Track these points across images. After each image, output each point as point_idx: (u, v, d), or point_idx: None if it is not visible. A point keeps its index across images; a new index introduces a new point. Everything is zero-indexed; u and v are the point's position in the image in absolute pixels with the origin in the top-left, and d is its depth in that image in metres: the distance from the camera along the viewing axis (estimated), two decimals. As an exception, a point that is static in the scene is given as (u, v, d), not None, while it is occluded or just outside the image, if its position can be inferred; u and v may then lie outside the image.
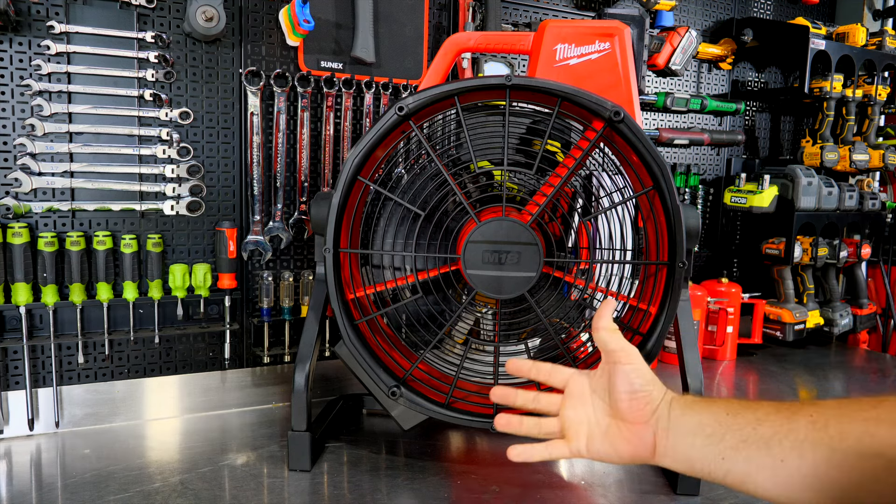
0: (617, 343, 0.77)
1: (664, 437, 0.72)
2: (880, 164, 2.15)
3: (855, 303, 2.28)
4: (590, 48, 1.22)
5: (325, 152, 1.52)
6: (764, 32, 2.10)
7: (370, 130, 1.09)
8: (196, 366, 1.48)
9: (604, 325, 0.78)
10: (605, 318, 0.79)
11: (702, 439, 0.68)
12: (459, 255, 1.08)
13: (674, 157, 2.13)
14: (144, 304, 1.39)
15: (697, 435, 0.69)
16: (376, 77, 1.54)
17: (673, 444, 0.72)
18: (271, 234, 1.48)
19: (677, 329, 1.22)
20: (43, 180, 1.29)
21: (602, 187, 1.15)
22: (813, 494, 0.60)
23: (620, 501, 1.11)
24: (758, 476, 0.63)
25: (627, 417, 0.76)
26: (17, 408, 1.31)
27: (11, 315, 1.30)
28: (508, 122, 1.07)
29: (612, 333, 0.78)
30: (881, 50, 2.15)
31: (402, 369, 1.14)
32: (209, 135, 1.43)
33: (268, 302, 1.50)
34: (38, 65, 1.26)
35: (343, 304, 1.11)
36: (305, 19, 1.38)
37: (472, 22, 1.62)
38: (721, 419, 0.68)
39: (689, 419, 0.71)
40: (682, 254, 1.07)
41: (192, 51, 1.40)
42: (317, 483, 1.14)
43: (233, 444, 1.32)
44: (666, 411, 0.73)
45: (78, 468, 1.18)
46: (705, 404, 0.72)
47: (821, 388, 1.77)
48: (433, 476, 1.18)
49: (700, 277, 2.11)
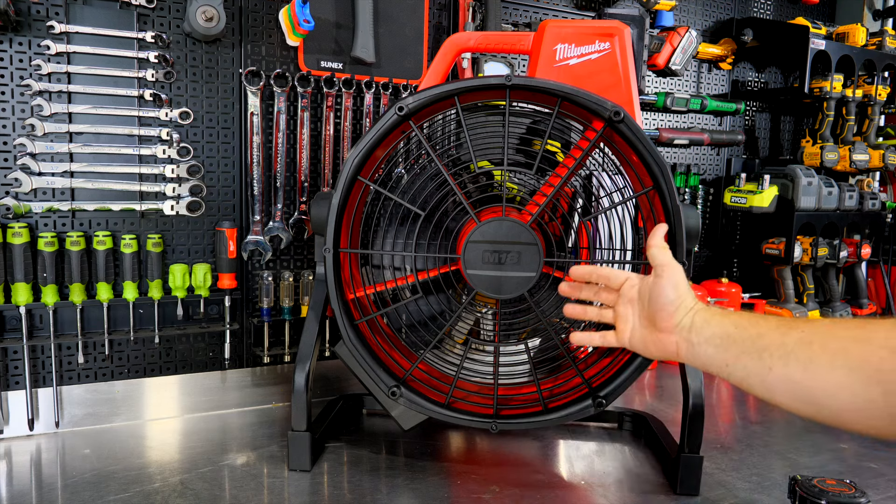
0: (664, 258, 0.89)
1: (684, 345, 0.85)
2: (880, 164, 2.15)
3: (855, 303, 2.28)
4: (590, 48, 1.22)
5: (325, 152, 1.52)
6: (764, 32, 2.10)
7: (370, 130, 1.09)
8: (196, 366, 1.48)
9: (656, 243, 0.92)
10: (657, 237, 0.93)
11: (713, 349, 0.81)
12: (459, 255, 1.08)
13: (674, 157, 2.13)
14: (144, 304, 1.39)
15: (710, 345, 0.82)
16: (376, 77, 1.54)
17: (691, 351, 0.85)
18: (271, 234, 1.48)
19: (677, 329, 1.22)
20: (43, 180, 1.29)
21: (602, 187, 1.15)
22: (791, 399, 0.72)
23: (620, 501, 1.11)
24: (751, 380, 0.76)
25: (658, 325, 0.88)
26: (17, 408, 1.31)
27: (11, 315, 1.30)
28: (508, 122, 1.07)
29: (661, 250, 0.91)
30: (881, 50, 2.15)
31: (402, 369, 1.14)
32: (209, 135, 1.43)
33: (268, 302, 1.50)
34: (38, 65, 1.26)
35: (343, 304, 1.11)
36: (305, 19, 1.38)
37: (472, 22, 1.62)
38: (729, 332, 0.80)
39: (705, 332, 0.83)
40: (682, 254, 1.07)
41: (192, 51, 1.40)
42: (317, 483, 1.14)
43: (233, 444, 1.32)
44: (689, 323, 0.85)
45: (78, 468, 1.18)
46: (720, 318, 0.83)
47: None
48: (433, 476, 1.18)
49: (700, 277, 2.11)
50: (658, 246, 0.92)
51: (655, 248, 0.91)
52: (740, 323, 0.80)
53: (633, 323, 0.93)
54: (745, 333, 0.78)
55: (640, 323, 0.92)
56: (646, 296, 0.90)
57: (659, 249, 0.91)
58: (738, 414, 1.58)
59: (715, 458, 1.28)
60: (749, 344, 0.77)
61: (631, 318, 0.93)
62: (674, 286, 0.87)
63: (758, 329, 0.77)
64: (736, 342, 0.79)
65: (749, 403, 1.65)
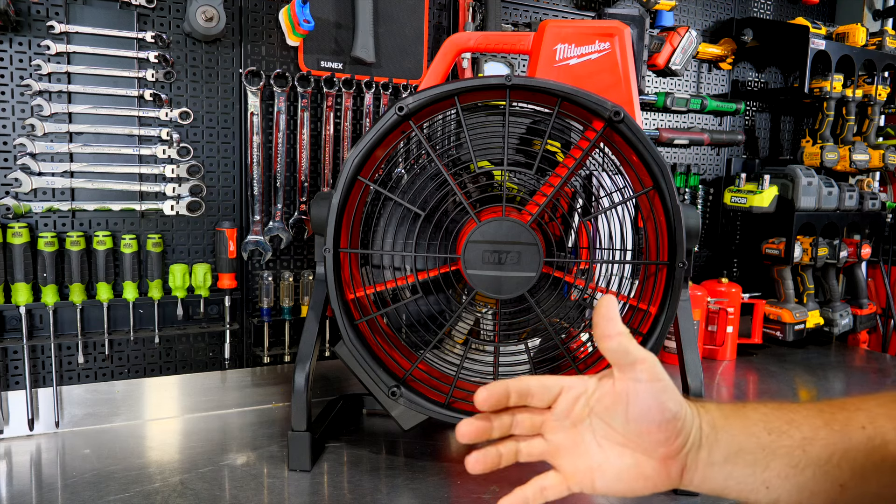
0: (638, 353, 0.57)
1: (695, 468, 0.58)
2: (880, 164, 2.15)
3: (855, 303, 2.28)
4: (590, 48, 1.22)
5: (325, 152, 1.52)
6: (764, 32, 2.10)
7: (370, 130, 1.09)
8: (196, 366, 1.48)
9: (618, 330, 0.57)
10: (615, 322, 0.58)
11: (741, 468, 0.57)
12: (459, 255, 1.08)
13: (674, 157, 2.13)
14: (144, 304, 1.39)
15: (736, 463, 0.57)
16: (376, 77, 1.54)
17: (706, 476, 0.58)
18: (271, 234, 1.48)
19: (677, 329, 1.23)
20: (43, 180, 1.28)
21: (602, 187, 1.15)
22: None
23: (621, 501, 1.11)
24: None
25: (652, 450, 0.58)
26: (17, 408, 1.31)
27: (11, 315, 1.30)
28: (508, 122, 1.07)
29: (629, 340, 0.58)
30: (881, 50, 2.15)
31: (402, 369, 1.14)
32: (209, 135, 1.43)
33: (268, 302, 1.50)
34: (38, 65, 1.26)
35: (343, 304, 1.11)
36: (305, 19, 1.38)
37: (472, 22, 1.62)
38: (763, 441, 0.57)
39: (724, 445, 0.58)
40: (682, 254, 1.07)
41: (192, 51, 1.40)
42: (317, 483, 1.14)
43: (233, 444, 1.32)
44: (697, 439, 0.58)
45: (78, 468, 1.18)
46: (740, 422, 0.59)
47: (821, 388, 1.77)
48: (433, 476, 1.18)
49: (700, 277, 2.11)
50: (623, 333, 0.57)
51: (622, 337, 0.57)
52: (772, 423, 0.58)
53: (597, 456, 0.60)
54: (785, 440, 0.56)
55: (615, 452, 0.59)
56: (617, 411, 0.58)
57: (627, 339, 0.57)
58: (738, 414, 1.57)
59: (715, 458, 1.28)
60: (799, 454, 0.56)
61: (591, 449, 0.60)
62: (669, 393, 0.57)
63: (801, 430, 0.57)
64: (777, 454, 0.56)
65: (749, 403, 1.65)
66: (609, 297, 0.60)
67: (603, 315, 0.58)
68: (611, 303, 0.58)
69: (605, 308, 0.58)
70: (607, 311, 0.58)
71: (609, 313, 0.58)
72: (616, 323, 0.58)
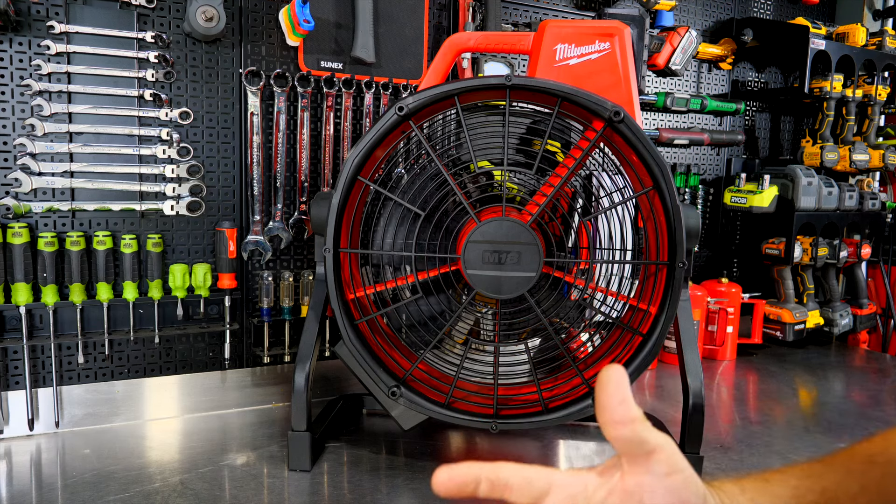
0: (655, 440, 0.46)
1: None
2: (880, 164, 2.15)
3: (855, 303, 2.28)
4: (590, 48, 1.22)
5: (325, 152, 1.52)
6: (764, 32, 2.10)
7: (370, 130, 1.09)
8: (196, 366, 1.48)
9: (632, 415, 0.45)
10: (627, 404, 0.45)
11: None
12: (459, 255, 1.08)
13: (674, 157, 2.13)
14: (144, 304, 1.39)
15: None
16: (376, 77, 1.54)
17: None
18: (271, 234, 1.48)
19: (677, 329, 1.23)
20: (43, 180, 1.28)
21: (602, 187, 1.14)
22: None
23: None
24: None
25: None
26: (17, 408, 1.31)
27: (11, 315, 1.30)
28: (508, 122, 1.07)
29: (644, 425, 0.46)
30: (881, 50, 2.15)
31: (402, 369, 1.14)
32: (209, 135, 1.43)
33: (268, 302, 1.50)
34: (38, 65, 1.26)
35: (343, 304, 1.11)
36: (305, 19, 1.38)
37: (472, 22, 1.62)
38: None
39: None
40: (682, 254, 1.07)
41: (192, 51, 1.40)
42: (317, 483, 1.14)
43: (233, 444, 1.32)
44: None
45: (78, 468, 1.18)
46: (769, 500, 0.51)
47: (821, 389, 1.77)
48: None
49: (700, 277, 2.11)
50: (638, 419, 0.46)
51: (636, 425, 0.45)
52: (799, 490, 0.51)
53: None
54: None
55: None
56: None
57: (642, 425, 0.46)
58: (738, 414, 1.57)
59: (715, 458, 1.28)
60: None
61: None
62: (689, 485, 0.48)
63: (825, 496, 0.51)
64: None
65: (749, 403, 1.65)
66: (617, 369, 0.46)
67: (611, 394, 0.45)
68: (620, 378, 0.46)
69: (615, 385, 0.45)
70: (617, 390, 0.45)
71: (620, 393, 0.45)
72: (630, 406, 0.45)
